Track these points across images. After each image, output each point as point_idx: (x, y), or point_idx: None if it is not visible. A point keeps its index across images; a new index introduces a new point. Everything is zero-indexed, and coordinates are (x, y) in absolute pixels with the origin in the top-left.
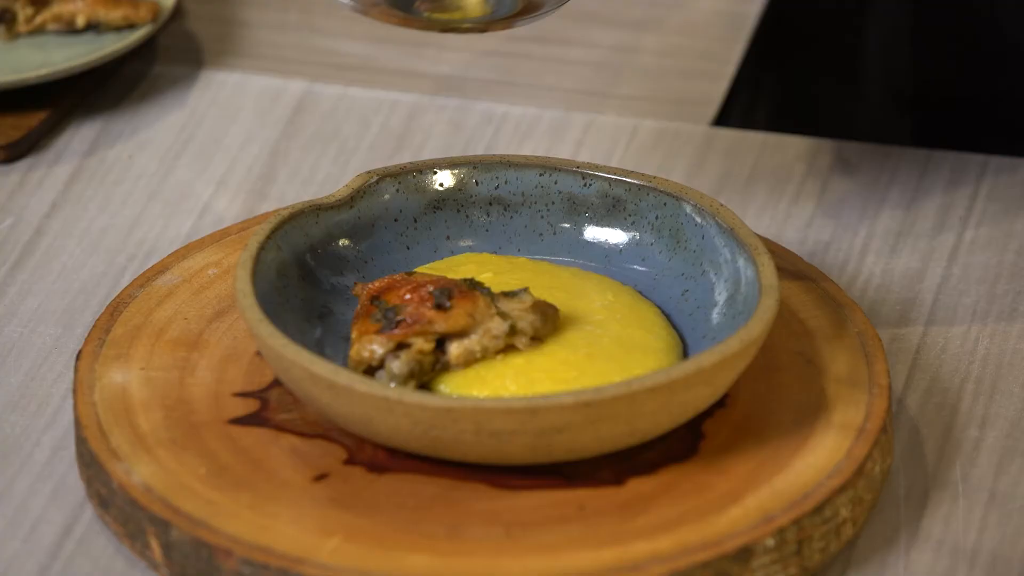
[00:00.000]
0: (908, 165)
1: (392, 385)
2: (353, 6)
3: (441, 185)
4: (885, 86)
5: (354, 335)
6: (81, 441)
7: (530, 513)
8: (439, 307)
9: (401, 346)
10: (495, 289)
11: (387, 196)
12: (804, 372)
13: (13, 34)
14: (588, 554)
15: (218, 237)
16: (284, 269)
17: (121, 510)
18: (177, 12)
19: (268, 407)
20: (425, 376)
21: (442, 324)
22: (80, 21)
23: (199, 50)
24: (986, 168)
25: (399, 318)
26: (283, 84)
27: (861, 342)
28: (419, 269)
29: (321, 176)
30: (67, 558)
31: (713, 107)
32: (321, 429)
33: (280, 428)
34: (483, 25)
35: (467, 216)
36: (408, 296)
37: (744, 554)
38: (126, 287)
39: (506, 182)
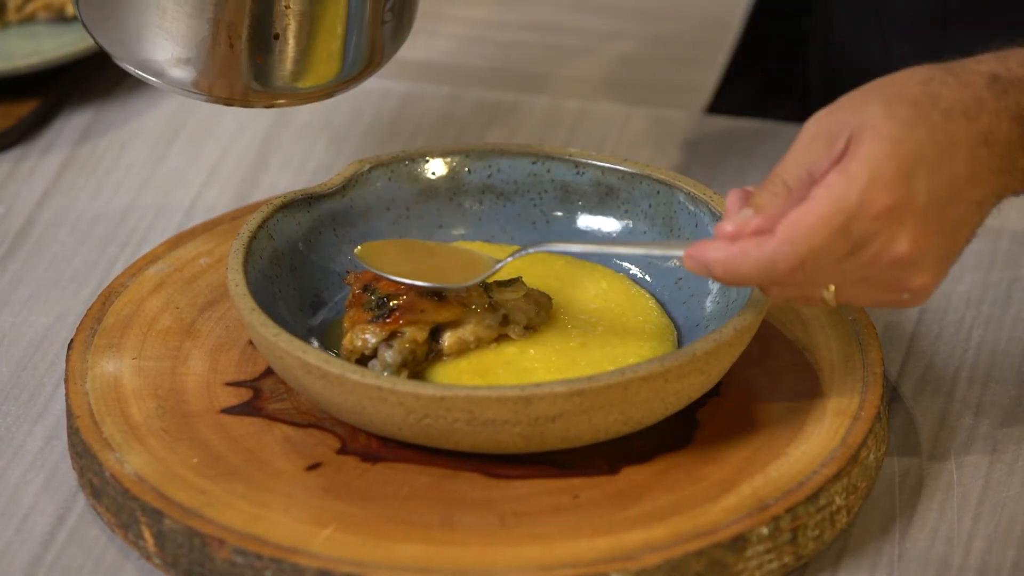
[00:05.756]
0: None
1: (385, 374)
2: (199, 96)
3: (433, 174)
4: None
5: (347, 324)
6: (73, 431)
7: (524, 502)
8: (432, 296)
9: (394, 335)
10: (488, 278)
11: (379, 185)
12: (798, 360)
13: (3, 23)
14: (582, 543)
15: (210, 226)
16: (276, 258)
17: (113, 500)
18: None
19: (261, 396)
20: (418, 365)
21: (435, 313)
22: (70, 10)
23: None
24: None
25: (392, 307)
26: None
27: (855, 330)
28: None
29: (313, 165)
30: (59, 548)
31: (706, 94)
32: (314, 418)
33: (273, 417)
34: (331, 89)
35: (460, 204)
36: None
37: (738, 542)
38: (118, 276)
39: (499, 170)
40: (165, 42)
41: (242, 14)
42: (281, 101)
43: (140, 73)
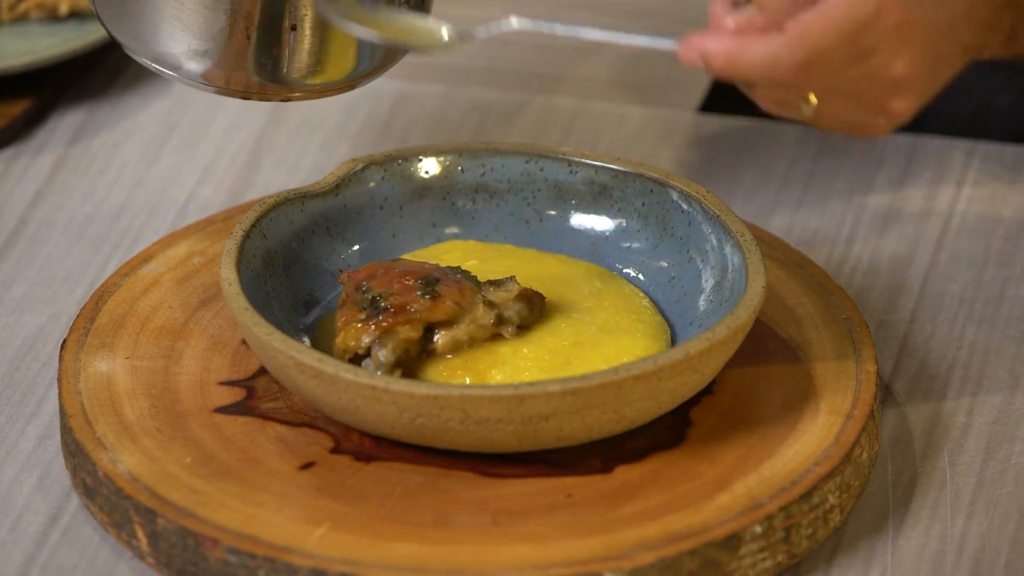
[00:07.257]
0: (895, 151)
1: (378, 373)
2: (216, 89)
3: (427, 172)
4: None
5: (340, 323)
6: (66, 430)
7: (517, 501)
8: (425, 295)
9: (387, 334)
10: (481, 277)
11: (372, 184)
12: (792, 359)
13: None
14: (576, 542)
15: (203, 225)
16: (269, 257)
17: (107, 499)
18: None
19: (254, 396)
20: (412, 364)
21: (428, 313)
22: (63, 9)
23: None
24: (973, 154)
25: (385, 306)
26: None
27: (849, 328)
28: (405, 257)
29: (307, 164)
30: (53, 548)
31: (699, 93)
32: (307, 418)
33: (266, 417)
34: (350, 82)
35: (453, 203)
36: (394, 284)
37: (732, 541)
38: (111, 276)
39: (492, 169)
40: (182, 34)
41: (258, 4)
42: (298, 94)
43: (156, 66)
